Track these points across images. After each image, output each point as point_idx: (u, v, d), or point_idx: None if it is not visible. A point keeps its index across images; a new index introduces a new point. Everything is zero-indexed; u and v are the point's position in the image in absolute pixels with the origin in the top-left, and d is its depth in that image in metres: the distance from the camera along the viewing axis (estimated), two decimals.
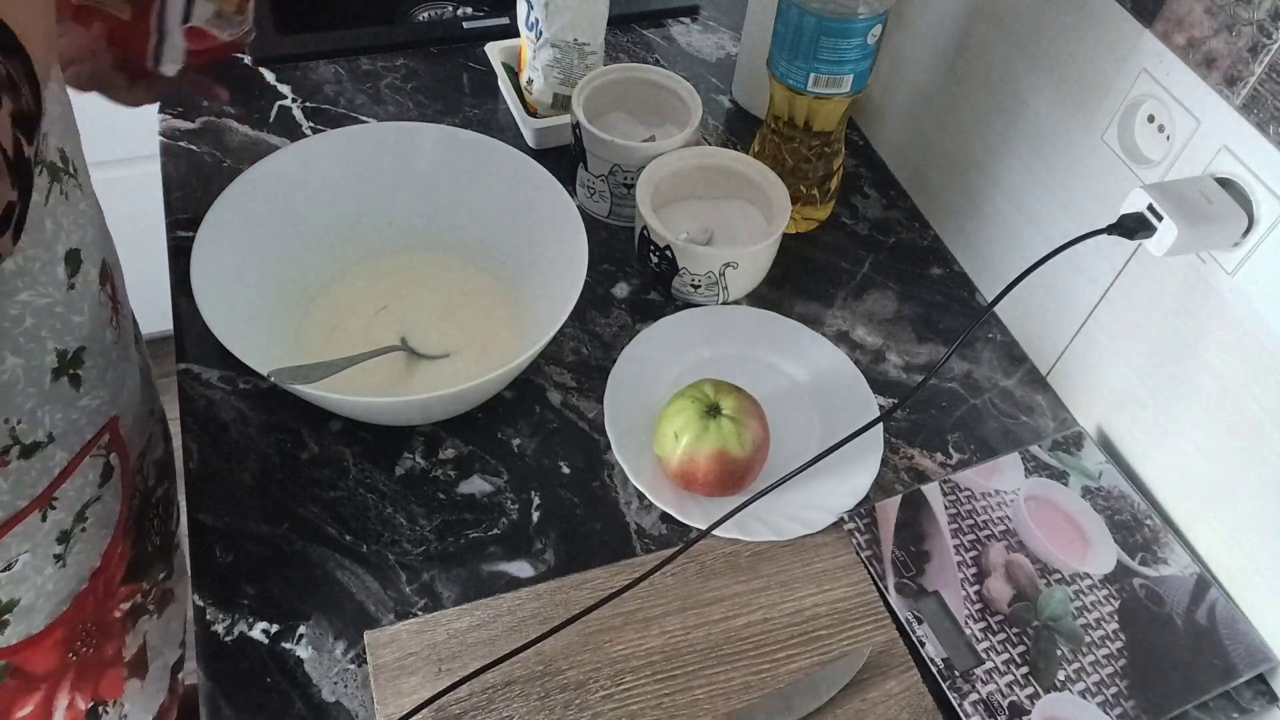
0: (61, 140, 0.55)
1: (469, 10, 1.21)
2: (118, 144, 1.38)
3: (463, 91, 0.96)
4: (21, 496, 0.56)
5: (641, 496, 0.68)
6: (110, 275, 0.64)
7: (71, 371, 0.58)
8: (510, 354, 0.73)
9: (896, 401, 0.69)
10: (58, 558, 0.61)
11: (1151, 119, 0.64)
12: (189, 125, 0.89)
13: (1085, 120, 0.70)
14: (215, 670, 0.58)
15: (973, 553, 0.66)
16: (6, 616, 0.59)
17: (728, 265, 0.76)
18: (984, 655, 0.62)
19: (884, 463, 0.71)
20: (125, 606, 0.70)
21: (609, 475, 0.70)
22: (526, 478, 0.69)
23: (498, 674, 0.58)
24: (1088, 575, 0.66)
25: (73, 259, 0.56)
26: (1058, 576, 0.66)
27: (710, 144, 0.93)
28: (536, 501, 0.68)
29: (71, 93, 0.60)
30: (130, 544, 0.69)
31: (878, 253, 0.87)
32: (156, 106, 0.91)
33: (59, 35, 0.63)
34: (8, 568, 0.58)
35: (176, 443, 0.75)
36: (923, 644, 0.62)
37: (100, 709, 0.70)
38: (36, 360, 0.54)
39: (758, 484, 0.65)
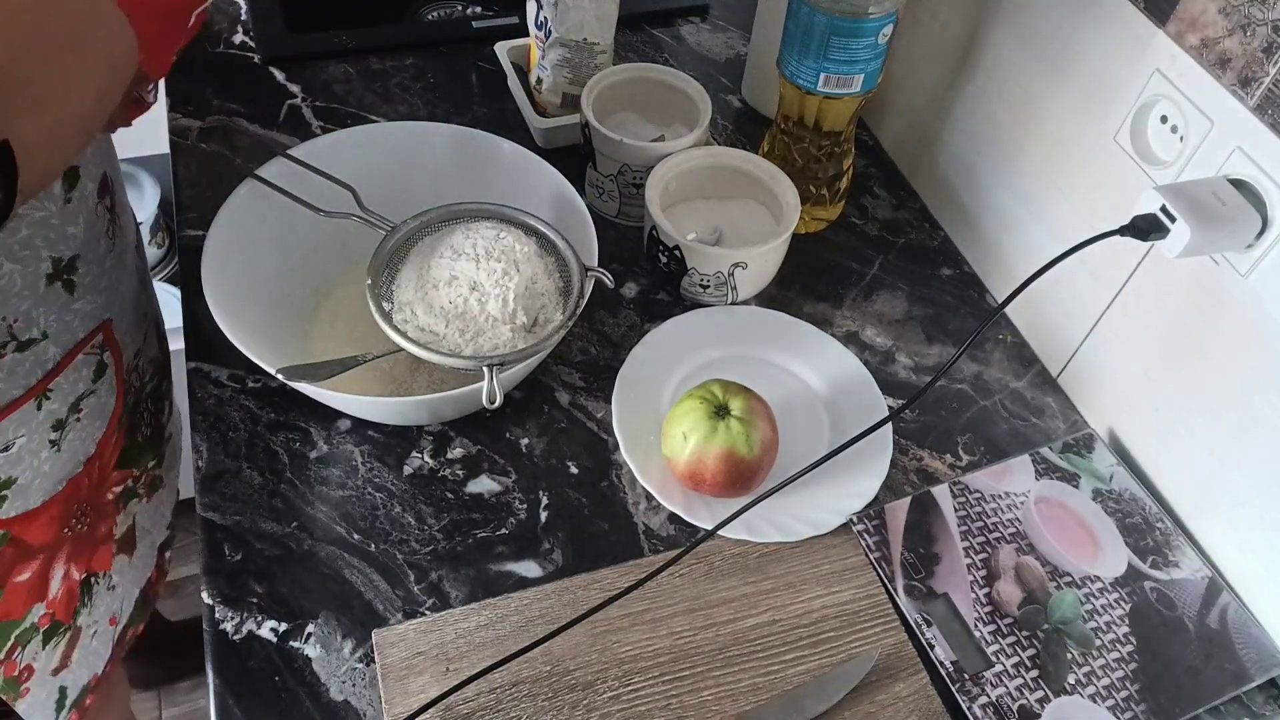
0: None
1: (478, 9, 1.21)
2: (125, 145, 1.38)
3: (472, 91, 0.96)
4: (16, 386, 0.61)
5: (650, 497, 0.68)
6: (110, 187, 0.68)
7: (65, 277, 0.61)
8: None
9: (905, 402, 0.69)
10: (53, 443, 0.65)
11: (1164, 120, 0.64)
12: (199, 124, 0.89)
13: (1097, 121, 0.69)
14: (224, 669, 0.58)
15: (982, 555, 0.66)
16: (5, 492, 0.64)
17: (737, 265, 0.76)
18: (993, 658, 0.61)
19: (893, 464, 0.71)
20: (117, 490, 0.75)
21: (617, 475, 0.69)
22: (535, 478, 0.69)
23: (505, 674, 0.58)
24: (1098, 578, 0.66)
25: (70, 176, 0.60)
26: (1068, 579, 0.65)
27: (719, 144, 0.93)
28: (545, 501, 0.68)
29: None
30: (123, 434, 0.74)
31: (887, 253, 0.87)
32: (167, 105, 0.91)
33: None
34: (5, 449, 0.62)
35: (179, 397, 0.80)
36: (932, 646, 0.62)
37: (93, 579, 0.75)
38: (32, 266, 0.58)
39: (766, 485, 0.64)
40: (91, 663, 0.80)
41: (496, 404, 0.60)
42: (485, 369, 0.60)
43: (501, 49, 0.97)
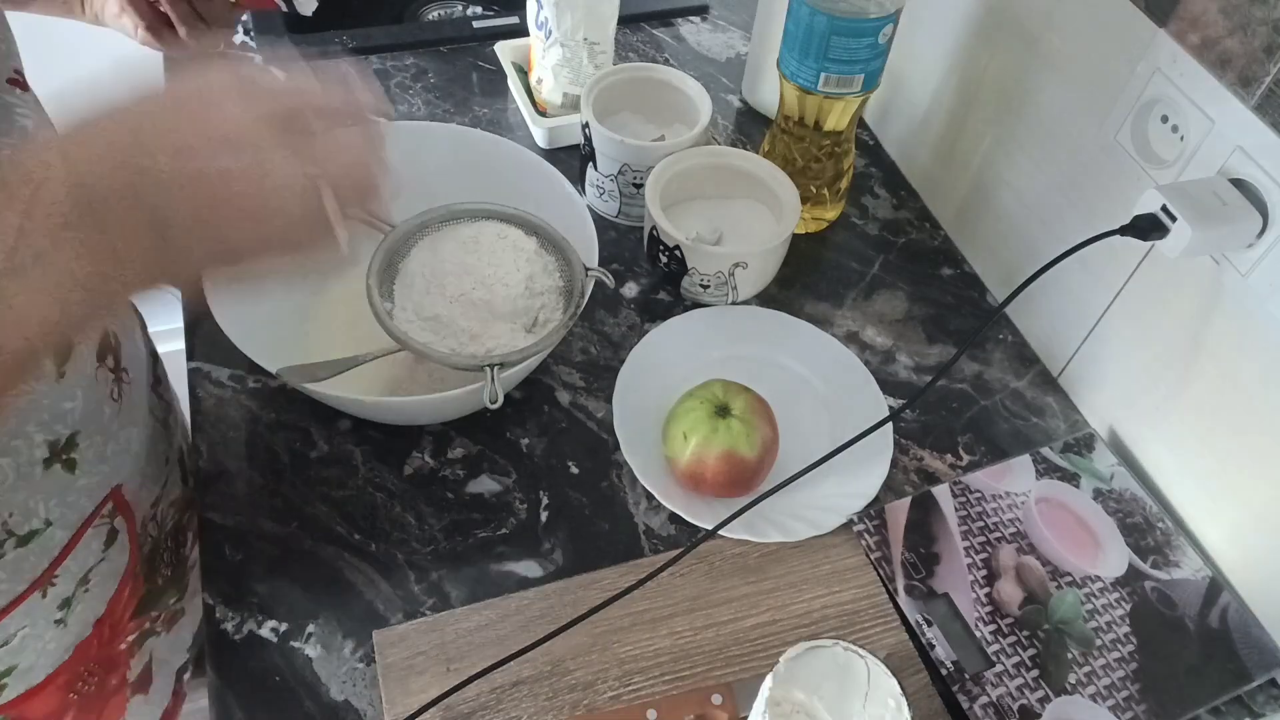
0: None
1: (479, 9, 1.21)
2: None
3: (472, 91, 0.96)
4: (21, 582, 0.55)
5: (650, 497, 0.68)
6: (112, 347, 0.61)
7: (65, 457, 0.55)
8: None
9: (905, 402, 0.69)
10: (58, 622, 0.59)
11: (1165, 119, 0.64)
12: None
13: (1098, 120, 0.69)
14: (224, 668, 0.58)
15: (983, 555, 0.66)
16: (5, 679, 0.58)
17: (737, 265, 0.76)
18: (994, 658, 0.61)
19: (894, 464, 0.71)
20: (132, 638, 0.69)
21: (618, 475, 0.69)
22: (535, 477, 0.69)
23: (506, 674, 0.58)
24: (1099, 578, 0.66)
25: (60, 351, 0.53)
26: (1069, 579, 0.65)
27: (720, 143, 0.93)
28: (545, 501, 0.68)
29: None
30: (140, 583, 0.67)
31: (888, 253, 0.87)
32: None
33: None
34: (6, 642, 0.56)
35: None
36: (932, 646, 0.62)
37: None
38: (25, 455, 0.52)
39: (767, 485, 0.64)
40: None
41: (497, 404, 0.59)
42: (486, 369, 0.60)
43: (502, 49, 0.97)
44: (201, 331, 0.73)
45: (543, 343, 0.64)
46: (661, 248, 0.77)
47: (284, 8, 0.73)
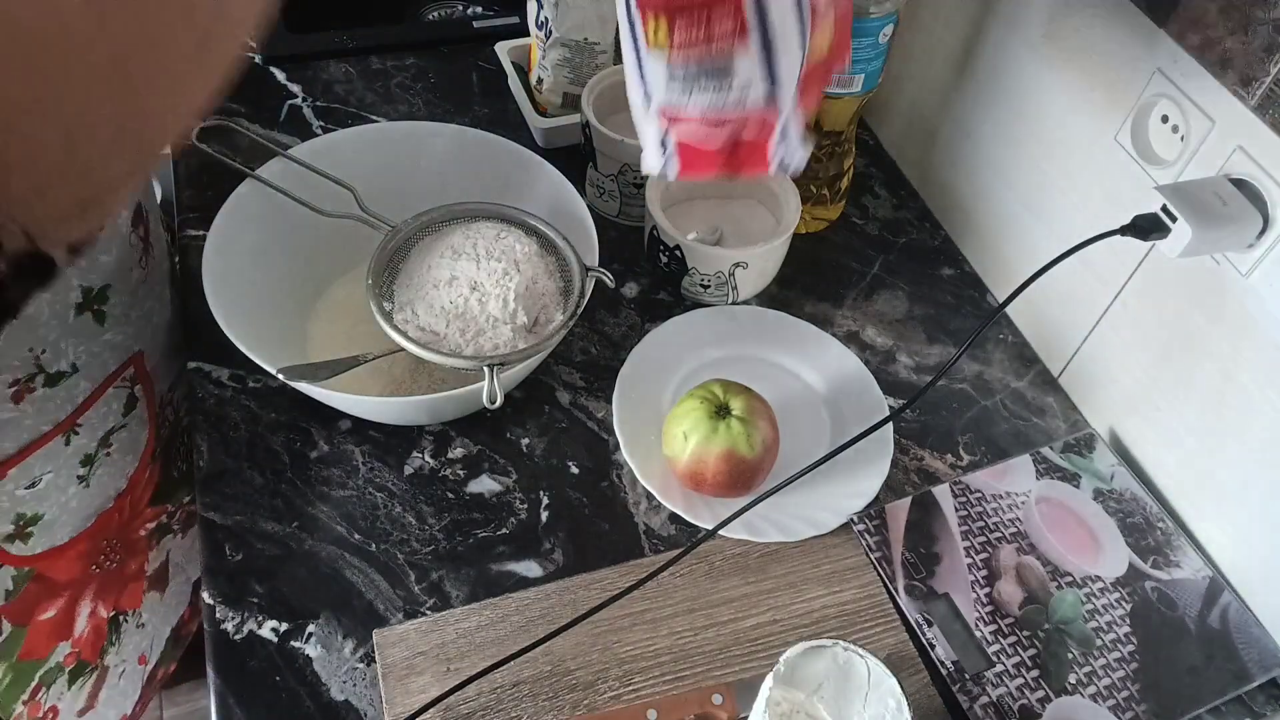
0: None
1: (479, 9, 1.21)
2: None
3: (473, 91, 0.96)
4: (45, 421, 0.58)
5: (650, 497, 0.68)
6: (145, 217, 0.65)
7: (95, 307, 0.59)
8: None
9: (906, 402, 0.69)
10: (81, 478, 0.62)
11: (1165, 119, 0.64)
12: (199, 124, 0.89)
13: (1098, 120, 0.69)
14: (224, 668, 0.58)
15: (983, 555, 0.66)
16: (30, 529, 0.61)
17: (737, 265, 0.76)
18: (994, 658, 0.61)
19: (894, 464, 0.71)
20: (150, 526, 0.72)
21: (618, 475, 0.69)
22: (535, 477, 0.69)
23: (506, 674, 0.58)
24: (1099, 578, 0.66)
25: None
26: (1069, 579, 0.65)
27: None
28: (545, 501, 0.68)
29: None
30: (158, 469, 0.71)
31: (888, 253, 0.87)
32: None
33: None
34: (31, 485, 0.60)
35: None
36: (933, 646, 0.62)
37: (121, 617, 0.72)
38: (60, 295, 0.56)
39: (767, 484, 0.64)
40: (119, 703, 0.77)
41: (497, 404, 0.59)
42: (486, 369, 0.60)
43: (502, 49, 0.97)
44: (201, 331, 0.73)
45: (543, 343, 0.64)
46: (662, 248, 0.77)
47: None
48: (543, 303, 0.65)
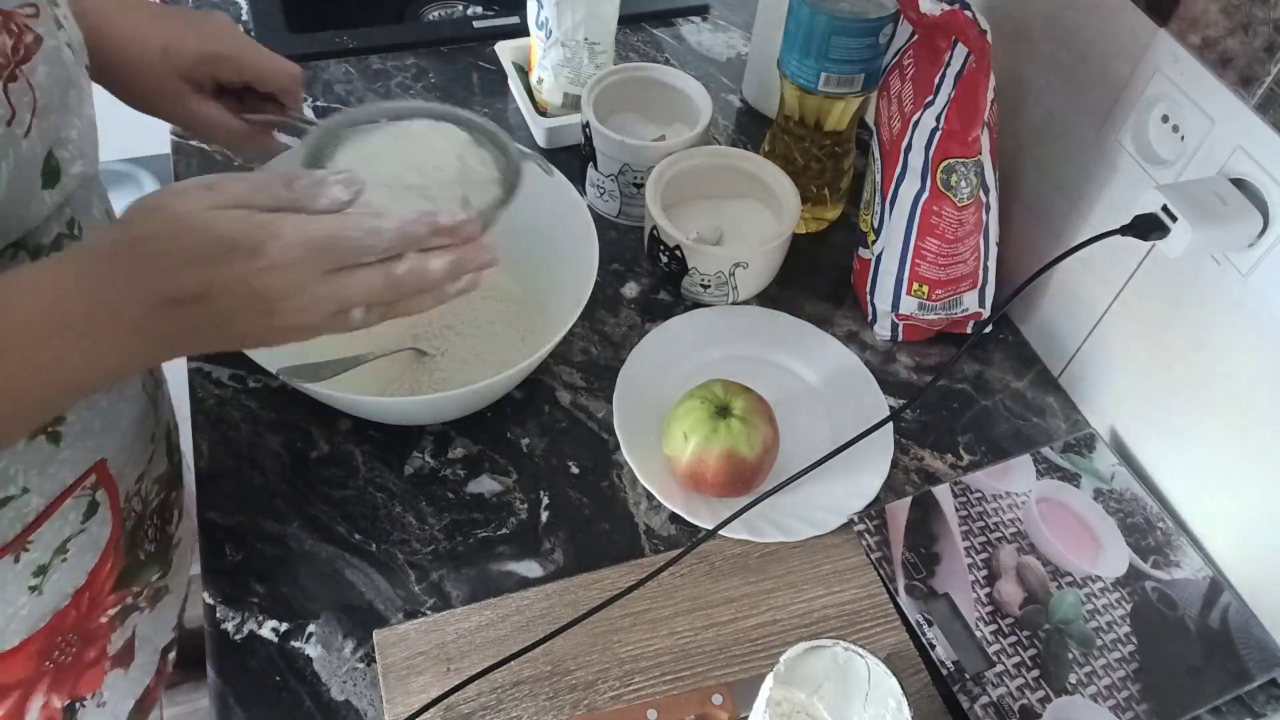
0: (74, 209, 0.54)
1: (479, 9, 1.21)
2: (125, 145, 1.39)
3: (473, 91, 0.96)
4: None
5: (650, 497, 0.68)
6: None
7: (51, 430, 0.54)
8: (520, 354, 0.73)
9: (906, 402, 0.69)
10: (33, 589, 0.58)
11: (1166, 119, 0.64)
12: None
13: (1098, 120, 0.69)
14: (225, 668, 0.58)
15: (983, 555, 0.66)
16: None
17: (737, 265, 0.76)
18: (995, 658, 0.61)
19: (894, 464, 0.71)
20: (113, 611, 0.68)
21: (618, 475, 0.69)
22: (536, 477, 0.69)
23: (506, 674, 0.58)
24: (1100, 578, 0.66)
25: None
26: (1069, 579, 0.65)
27: (720, 143, 0.93)
28: (545, 501, 0.68)
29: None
30: (121, 556, 0.66)
31: None
32: None
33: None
34: None
35: (186, 444, 0.74)
36: (933, 646, 0.62)
37: (77, 704, 0.68)
38: None
39: (767, 484, 0.64)
40: None
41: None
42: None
43: (502, 49, 0.97)
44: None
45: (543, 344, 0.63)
46: (662, 248, 0.77)
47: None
48: (480, 190, 0.58)
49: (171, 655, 0.80)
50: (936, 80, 0.67)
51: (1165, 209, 0.58)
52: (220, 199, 0.45)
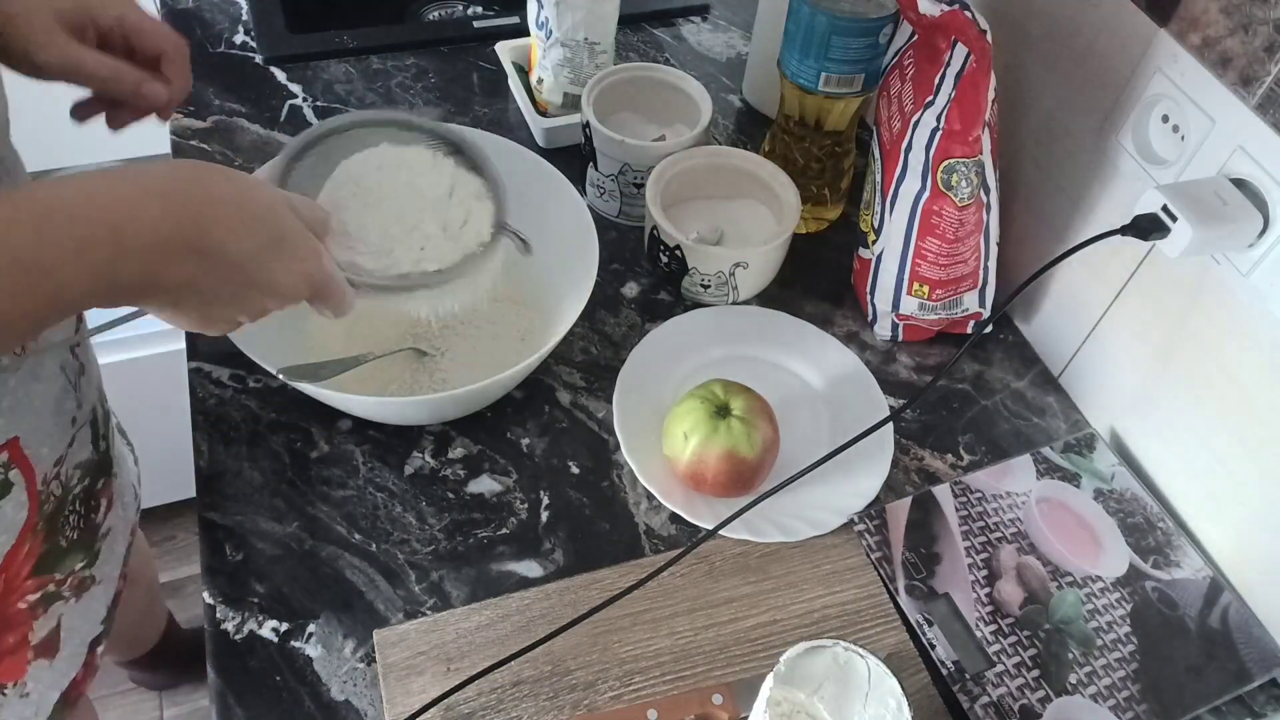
0: None
1: (479, 9, 1.21)
2: (125, 145, 1.38)
3: (473, 91, 0.96)
4: None
5: (651, 497, 0.68)
6: None
7: None
8: (520, 354, 0.73)
9: (906, 402, 0.69)
10: None
11: (1166, 119, 0.64)
12: (200, 124, 0.90)
13: (1098, 120, 0.69)
14: (225, 668, 0.58)
15: (984, 555, 0.66)
16: None
17: (738, 265, 0.76)
18: (995, 658, 0.61)
19: (894, 464, 0.71)
20: (33, 597, 0.67)
21: (618, 475, 0.69)
22: (536, 477, 0.69)
23: (506, 674, 0.58)
24: (1100, 578, 0.66)
25: None
26: (1069, 579, 0.65)
27: (720, 143, 0.93)
28: (545, 501, 0.68)
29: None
30: (39, 542, 0.65)
31: None
32: None
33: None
34: None
35: (177, 440, 0.73)
36: (933, 646, 0.62)
37: None
38: None
39: (767, 484, 0.64)
40: None
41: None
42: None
43: (502, 49, 0.97)
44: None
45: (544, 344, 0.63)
46: (662, 248, 0.77)
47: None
48: (467, 207, 0.62)
49: (100, 649, 0.79)
50: (936, 80, 0.67)
51: (1165, 209, 0.58)
52: (292, 200, 0.51)
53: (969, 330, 0.79)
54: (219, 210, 0.46)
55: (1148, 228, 0.59)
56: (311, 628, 0.60)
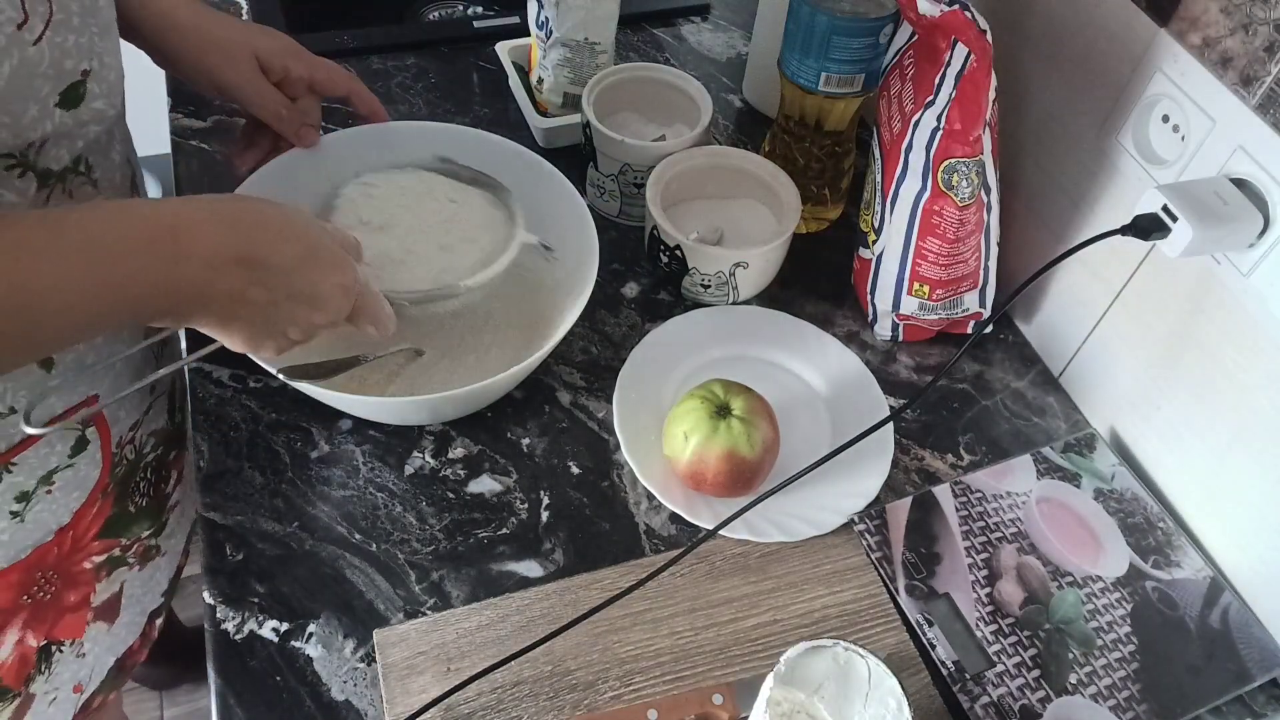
0: (86, 149, 0.55)
1: (479, 9, 1.21)
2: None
3: (473, 91, 0.96)
4: None
5: (651, 497, 0.68)
6: None
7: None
8: (520, 354, 0.73)
9: (906, 402, 0.69)
10: (15, 514, 0.60)
11: (1166, 119, 0.64)
12: (200, 124, 0.89)
13: (1099, 120, 0.69)
14: (225, 668, 0.58)
15: (984, 555, 0.66)
16: None
17: (738, 265, 0.76)
18: (995, 658, 0.61)
19: (894, 464, 0.71)
20: (98, 559, 0.69)
21: (618, 475, 0.69)
22: (536, 477, 0.69)
23: (506, 673, 0.58)
24: (1100, 578, 0.66)
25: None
26: (1070, 579, 0.65)
27: (720, 143, 0.93)
28: (546, 501, 0.68)
29: None
30: (109, 503, 0.68)
31: None
32: (167, 105, 0.91)
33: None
34: None
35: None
36: (933, 646, 0.62)
37: (54, 647, 0.69)
38: None
39: (767, 484, 0.64)
40: None
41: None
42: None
43: (502, 49, 0.97)
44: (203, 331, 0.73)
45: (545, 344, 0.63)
46: (662, 248, 0.77)
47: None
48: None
49: (159, 621, 0.82)
50: (937, 80, 0.67)
51: (1165, 209, 0.58)
52: (325, 225, 0.56)
53: (969, 330, 0.79)
54: (263, 225, 0.50)
55: (1148, 227, 0.59)
56: (312, 628, 0.60)
